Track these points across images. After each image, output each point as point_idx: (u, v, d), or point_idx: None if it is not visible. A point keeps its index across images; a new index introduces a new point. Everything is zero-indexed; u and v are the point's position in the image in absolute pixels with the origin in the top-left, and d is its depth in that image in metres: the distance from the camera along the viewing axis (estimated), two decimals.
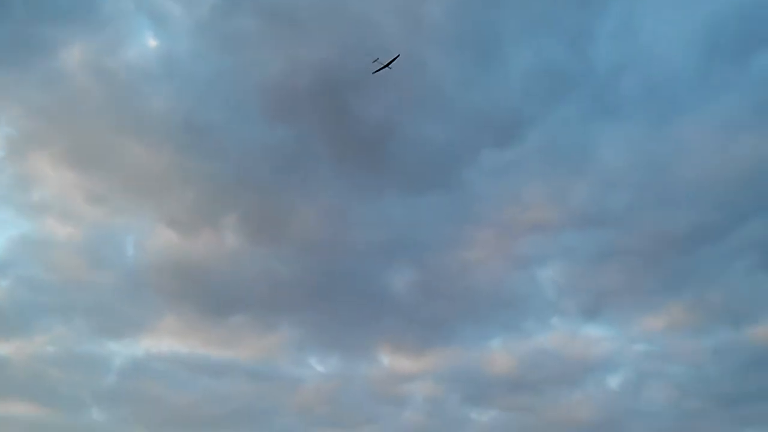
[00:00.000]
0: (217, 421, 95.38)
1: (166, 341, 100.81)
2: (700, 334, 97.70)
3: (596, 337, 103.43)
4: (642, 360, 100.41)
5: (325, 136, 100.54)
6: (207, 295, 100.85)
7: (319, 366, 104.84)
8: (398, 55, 70.99)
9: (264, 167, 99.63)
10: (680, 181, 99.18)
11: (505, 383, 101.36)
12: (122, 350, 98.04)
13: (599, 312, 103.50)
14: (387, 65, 71.36)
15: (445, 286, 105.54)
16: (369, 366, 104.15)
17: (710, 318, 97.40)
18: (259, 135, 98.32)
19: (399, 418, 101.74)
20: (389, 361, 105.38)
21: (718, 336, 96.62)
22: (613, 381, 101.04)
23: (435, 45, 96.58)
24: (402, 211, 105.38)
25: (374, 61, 68.31)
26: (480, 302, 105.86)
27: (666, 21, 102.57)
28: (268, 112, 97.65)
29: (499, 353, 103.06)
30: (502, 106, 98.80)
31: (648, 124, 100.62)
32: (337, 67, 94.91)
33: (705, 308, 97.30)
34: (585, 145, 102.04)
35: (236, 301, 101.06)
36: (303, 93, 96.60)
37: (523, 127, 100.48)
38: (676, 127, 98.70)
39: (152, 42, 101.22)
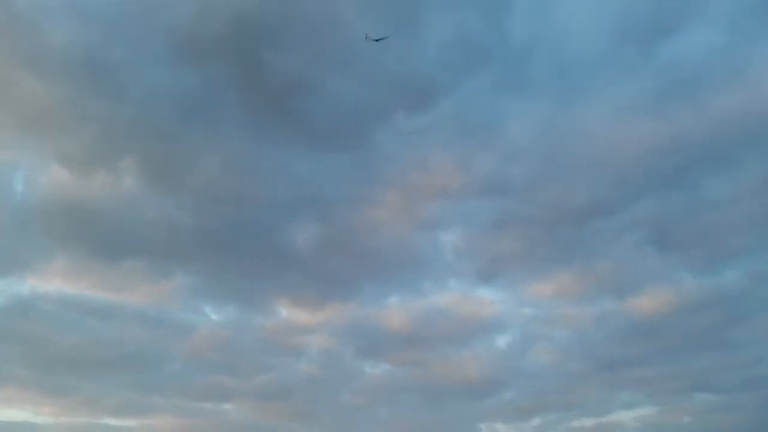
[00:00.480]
0: (104, 364, 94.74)
1: (53, 281, 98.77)
2: (586, 302, 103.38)
3: (489, 299, 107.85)
4: (530, 323, 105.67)
5: (236, 85, 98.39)
6: (99, 238, 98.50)
7: (214, 314, 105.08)
8: (388, 37, 75.40)
9: (169, 111, 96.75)
10: (580, 158, 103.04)
11: (399, 339, 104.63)
12: (6, 288, 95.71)
13: (493, 276, 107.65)
14: (376, 40, 76.67)
15: (347, 244, 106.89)
16: (266, 317, 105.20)
17: (596, 287, 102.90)
18: (166, 78, 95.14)
19: (293, 368, 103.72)
20: (287, 313, 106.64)
21: (602, 305, 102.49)
22: (502, 341, 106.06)
23: (356, 4, 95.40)
24: (310, 166, 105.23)
25: (366, 36, 75.19)
26: (381, 261, 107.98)
27: (580, 4, 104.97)
28: (178, 55, 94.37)
29: (396, 310, 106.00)
30: (417, 72, 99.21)
31: (555, 101, 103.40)
32: (253, 14, 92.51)
33: (592, 278, 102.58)
34: (493, 117, 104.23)
35: (131, 245, 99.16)
36: (215, 38, 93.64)
37: (435, 94, 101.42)
38: (580, 106, 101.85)
39: None
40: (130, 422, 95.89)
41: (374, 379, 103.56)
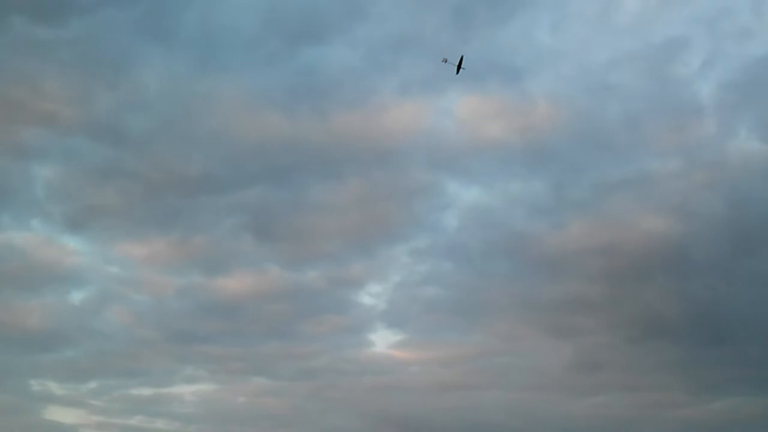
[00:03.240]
0: None
1: None
2: (174, 272, 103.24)
3: (73, 249, 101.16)
4: (111, 282, 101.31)
5: None
6: None
7: None
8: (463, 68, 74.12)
9: None
10: (204, 128, 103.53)
11: None
12: None
13: (84, 225, 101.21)
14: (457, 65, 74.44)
15: None
16: None
17: (187, 260, 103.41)
18: None
19: None
20: None
21: (189, 278, 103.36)
22: (77, 296, 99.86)
23: None
24: None
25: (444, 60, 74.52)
26: None
27: None
28: None
29: None
30: None
31: (193, 64, 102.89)
32: None
33: (186, 250, 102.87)
34: (126, 56, 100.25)
35: None
36: None
37: (67, 11, 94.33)
38: (216, 78, 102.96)
39: None
40: None
41: None
